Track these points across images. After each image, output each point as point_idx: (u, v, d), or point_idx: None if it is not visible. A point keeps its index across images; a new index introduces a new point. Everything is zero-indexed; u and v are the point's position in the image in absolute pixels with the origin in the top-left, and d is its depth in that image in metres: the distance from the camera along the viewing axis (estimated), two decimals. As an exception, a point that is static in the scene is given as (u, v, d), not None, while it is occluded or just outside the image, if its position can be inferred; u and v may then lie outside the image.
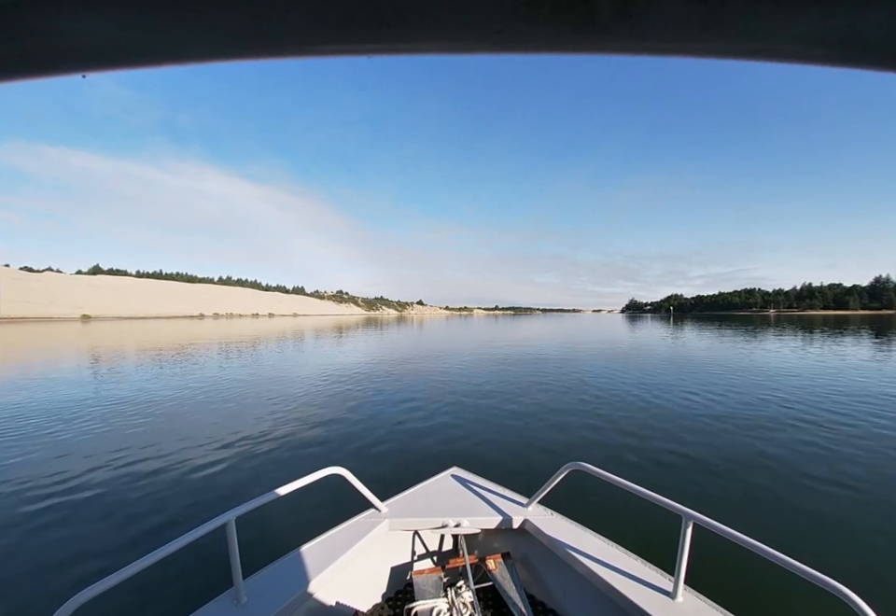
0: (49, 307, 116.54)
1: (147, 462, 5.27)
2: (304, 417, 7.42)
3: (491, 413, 7.63)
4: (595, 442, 5.88)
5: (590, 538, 2.21)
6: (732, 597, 1.90)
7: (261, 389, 10.13)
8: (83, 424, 7.14)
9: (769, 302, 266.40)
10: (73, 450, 5.79)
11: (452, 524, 2.33)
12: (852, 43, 0.32)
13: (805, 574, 1.39)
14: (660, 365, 14.08)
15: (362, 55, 0.37)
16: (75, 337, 33.69)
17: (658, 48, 0.34)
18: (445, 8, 0.30)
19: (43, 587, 2.93)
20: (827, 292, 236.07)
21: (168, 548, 1.55)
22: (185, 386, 10.61)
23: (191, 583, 2.90)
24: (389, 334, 36.37)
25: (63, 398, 9.31)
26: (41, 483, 4.67)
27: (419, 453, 5.48)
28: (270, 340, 28.68)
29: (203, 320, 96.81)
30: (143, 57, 0.35)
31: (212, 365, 15.04)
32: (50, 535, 3.61)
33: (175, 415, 7.68)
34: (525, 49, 0.35)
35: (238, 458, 5.36)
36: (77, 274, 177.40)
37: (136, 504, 4.14)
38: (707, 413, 7.41)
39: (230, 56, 0.36)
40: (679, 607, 1.71)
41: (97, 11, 0.30)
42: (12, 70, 0.35)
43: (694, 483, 4.46)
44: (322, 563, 2.00)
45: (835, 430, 6.34)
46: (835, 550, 3.24)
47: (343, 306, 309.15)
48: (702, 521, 1.68)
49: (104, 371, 13.59)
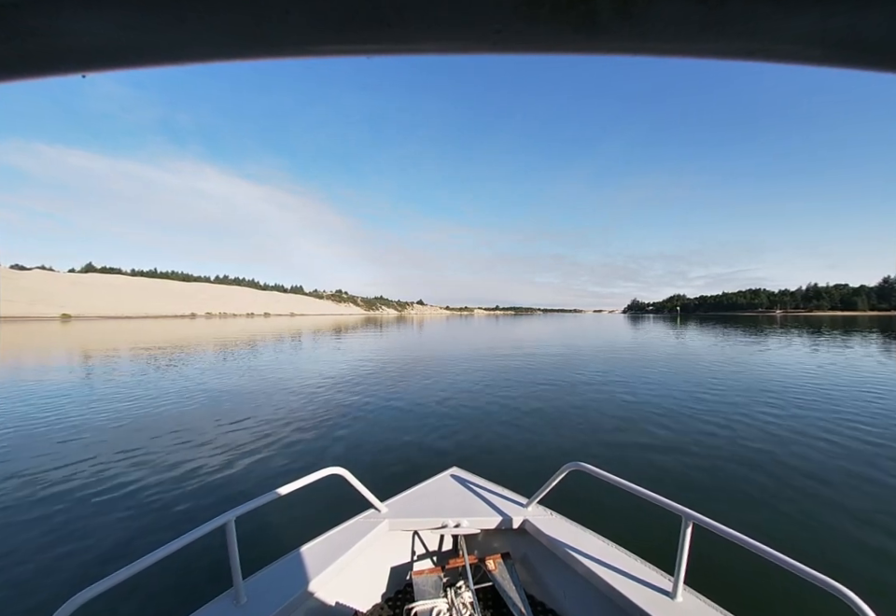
0: (30, 306, 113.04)
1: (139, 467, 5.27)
2: (303, 419, 7.42)
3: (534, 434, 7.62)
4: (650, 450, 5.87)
5: (590, 538, 2.21)
6: (731, 597, 1.90)
7: (212, 407, 8.30)
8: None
9: (775, 303, 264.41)
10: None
11: (451, 524, 2.33)
12: (852, 43, 0.32)
13: (805, 574, 1.39)
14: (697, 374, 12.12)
15: (362, 55, 0.37)
16: (39, 338, 31.96)
17: (658, 48, 0.34)
18: (445, 8, 0.30)
19: (42, 587, 2.93)
20: (833, 293, 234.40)
21: (168, 548, 1.55)
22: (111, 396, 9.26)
23: (191, 583, 2.90)
24: (387, 335, 36.20)
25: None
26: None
27: (419, 452, 5.48)
28: (255, 341, 27.61)
29: (195, 320, 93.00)
30: (143, 57, 0.35)
31: (174, 371, 13.28)
32: (49, 536, 3.61)
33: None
34: (525, 49, 0.35)
35: (238, 459, 5.36)
36: (68, 273, 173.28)
37: (136, 504, 4.14)
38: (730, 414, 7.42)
39: (230, 56, 0.36)
40: (678, 606, 1.71)
41: (97, 11, 0.30)
42: (12, 70, 0.35)
43: (694, 484, 4.46)
44: (322, 563, 2.00)
45: (848, 434, 6.35)
46: (836, 550, 3.24)
47: (342, 306, 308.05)
48: (702, 521, 1.68)
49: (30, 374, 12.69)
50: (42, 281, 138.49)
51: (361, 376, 12.11)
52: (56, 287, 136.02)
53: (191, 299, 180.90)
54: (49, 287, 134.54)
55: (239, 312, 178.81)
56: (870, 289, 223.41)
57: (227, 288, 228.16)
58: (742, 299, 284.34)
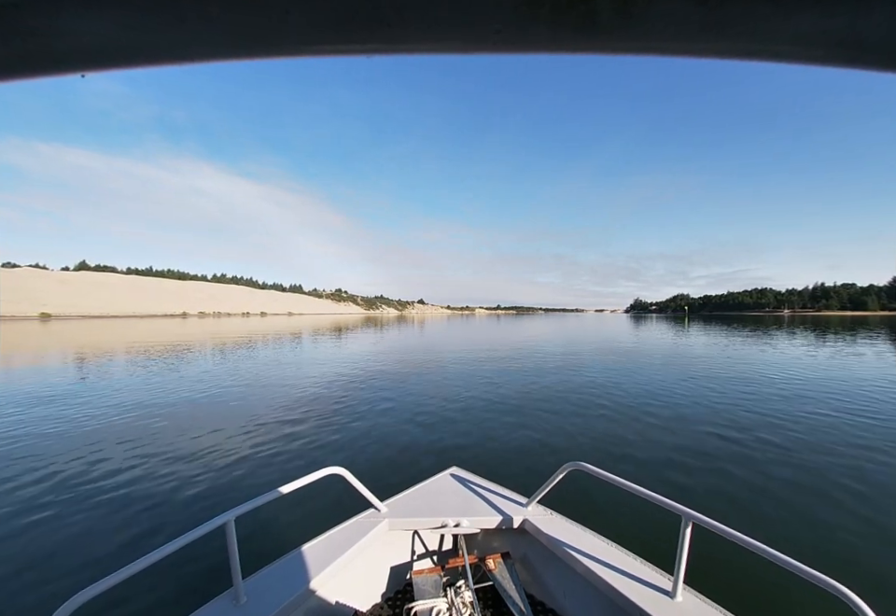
0: (13, 305, 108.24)
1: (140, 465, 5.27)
2: (303, 419, 7.42)
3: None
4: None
5: (589, 537, 2.22)
6: (731, 597, 1.90)
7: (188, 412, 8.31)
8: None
9: (782, 302, 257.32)
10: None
11: (451, 523, 2.33)
12: (852, 43, 0.32)
13: (805, 574, 1.39)
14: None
15: (362, 55, 0.37)
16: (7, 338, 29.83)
17: (658, 48, 0.34)
18: (445, 8, 0.30)
19: (40, 587, 2.92)
20: (841, 292, 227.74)
21: (168, 548, 1.55)
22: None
23: (191, 583, 2.90)
24: (387, 334, 36.01)
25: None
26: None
27: (419, 452, 5.48)
28: (247, 341, 25.99)
29: (186, 319, 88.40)
30: (143, 57, 0.35)
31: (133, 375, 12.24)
32: (48, 536, 3.61)
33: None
34: (525, 49, 0.35)
35: (237, 459, 5.36)
36: (59, 271, 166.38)
37: (136, 504, 4.14)
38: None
39: (230, 56, 0.36)
40: (678, 606, 1.71)
41: (97, 11, 0.30)
42: (12, 70, 0.35)
43: (694, 483, 4.46)
44: (321, 563, 2.00)
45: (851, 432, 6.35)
46: (836, 551, 3.24)
47: (342, 305, 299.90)
48: (701, 520, 1.68)
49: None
50: (30, 279, 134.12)
51: (361, 378, 12.12)
52: (44, 286, 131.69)
53: (186, 298, 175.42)
54: (35, 284, 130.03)
55: (234, 311, 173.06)
56: (880, 289, 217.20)
57: (223, 287, 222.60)
58: (748, 298, 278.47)
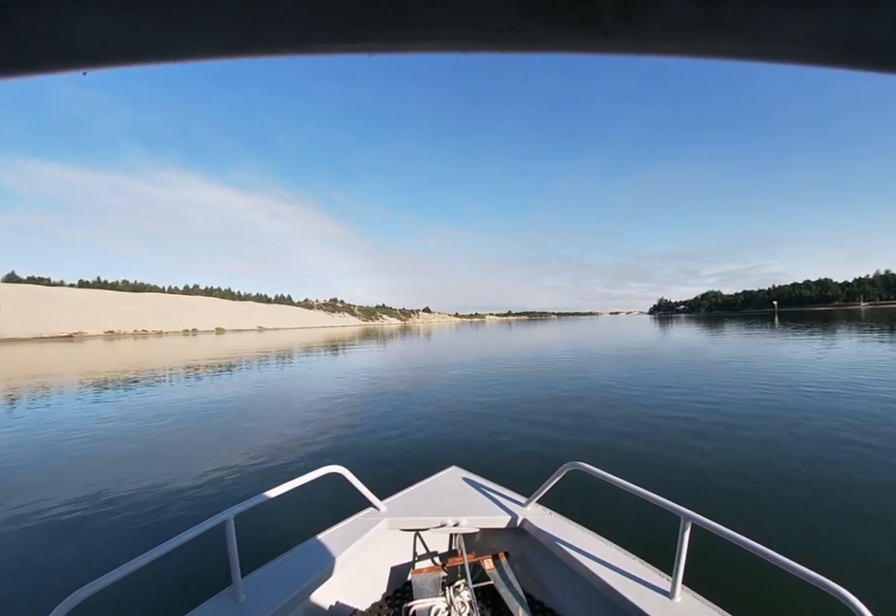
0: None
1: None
2: (300, 420, 7.43)
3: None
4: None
5: (588, 537, 2.22)
6: (730, 597, 1.90)
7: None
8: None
9: (853, 294, 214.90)
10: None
11: (451, 523, 2.33)
12: (856, 45, 0.32)
13: (803, 575, 1.39)
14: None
15: (362, 54, 0.37)
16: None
17: (659, 48, 0.34)
18: (445, 8, 0.30)
19: (40, 584, 2.93)
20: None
21: (167, 546, 1.55)
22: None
23: (190, 581, 2.91)
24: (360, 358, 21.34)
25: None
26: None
27: (418, 452, 5.49)
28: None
29: (83, 342, 61.05)
30: (143, 55, 0.35)
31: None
32: (47, 535, 3.61)
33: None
34: (525, 48, 0.35)
35: (237, 459, 5.37)
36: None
37: (135, 504, 4.15)
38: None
39: (230, 55, 0.36)
40: (676, 606, 1.71)
41: (97, 11, 0.30)
42: (12, 70, 0.35)
43: (694, 483, 4.46)
44: (321, 561, 2.01)
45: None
46: (835, 551, 3.24)
47: (336, 316, 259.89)
48: (700, 521, 1.68)
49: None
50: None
51: (361, 380, 12.11)
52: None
53: (116, 312, 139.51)
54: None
55: (176, 329, 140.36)
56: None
57: (188, 299, 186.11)
58: (808, 291, 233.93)
